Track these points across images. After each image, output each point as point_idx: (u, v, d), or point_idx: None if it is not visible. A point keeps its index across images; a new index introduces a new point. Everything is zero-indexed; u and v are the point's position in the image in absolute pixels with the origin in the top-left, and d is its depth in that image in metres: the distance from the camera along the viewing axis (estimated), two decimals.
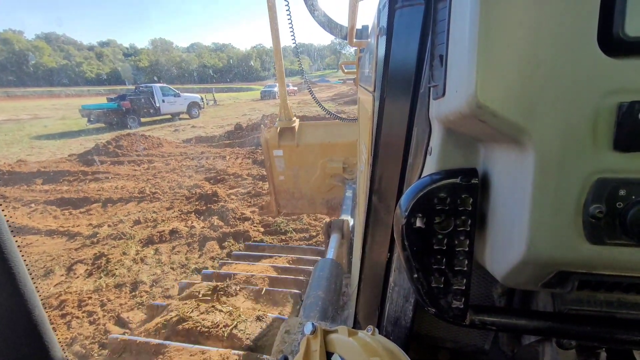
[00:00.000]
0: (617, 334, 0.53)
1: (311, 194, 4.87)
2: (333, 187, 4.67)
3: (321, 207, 4.33)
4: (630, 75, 0.36)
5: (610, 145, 0.38)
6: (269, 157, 4.72)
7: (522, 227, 0.42)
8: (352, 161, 4.45)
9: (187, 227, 6.24)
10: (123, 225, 6.56)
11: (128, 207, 7.61)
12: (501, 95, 0.39)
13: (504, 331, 0.78)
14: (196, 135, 16.23)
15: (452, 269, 0.53)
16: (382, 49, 0.81)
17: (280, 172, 4.81)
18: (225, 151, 12.36)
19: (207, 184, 8.67)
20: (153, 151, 12.93)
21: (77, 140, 16.14)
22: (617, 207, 0.39)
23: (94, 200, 7.97)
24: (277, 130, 4.58)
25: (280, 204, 5.07)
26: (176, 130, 18.68)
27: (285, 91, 4.59)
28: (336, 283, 2.07)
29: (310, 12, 3.06)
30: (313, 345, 0.68)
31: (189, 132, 17.65)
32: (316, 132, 4.67)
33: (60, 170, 10.48)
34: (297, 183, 4.84)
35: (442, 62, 0.50)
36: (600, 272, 0.43)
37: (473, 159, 0.54)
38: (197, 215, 6.79)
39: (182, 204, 7.47)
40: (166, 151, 12.88)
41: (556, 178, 0.39)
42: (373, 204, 0.94)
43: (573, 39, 0.36)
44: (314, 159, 4.62)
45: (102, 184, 9.36)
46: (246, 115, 22.87)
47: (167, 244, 5.71)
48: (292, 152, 4.63)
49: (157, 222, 6.55)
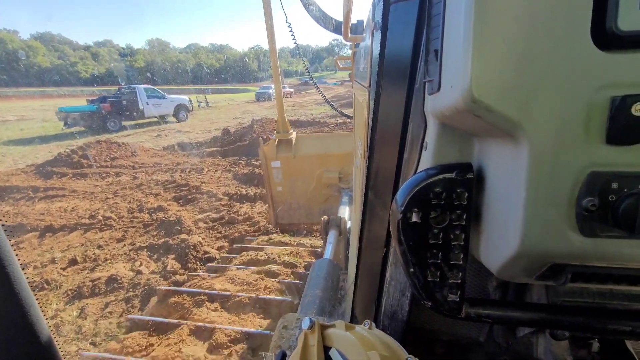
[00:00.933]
0: (609, 325, 0.54)
1: (308, 205, 5.00)
2: (330, 197, 4.80)
3: (318, 217, 4.42)
4: (623, 69, 0.36)
5: (603, 138, 0.38)
6: (266, 169, 4.85)
7: (516, 220, 0.43)
8: (348, 171, 4.59)
9: (133, 271, 4.83)
10: (53, 267, 5.05)
11: (70, 237, 6.13)
12: (496, 90, 0.39)
13: (499, 323, 0.79)
14: (179, 141, 14.87)
15: (448, 263, 0.53)
16: (377, 44, 0.80)
17: (278, 183, 4.93)
18: (205, 162, 11.24)
19: (173, 206, 7.41)
20: (124, 161, 11.50)
21: (48, 147, 14.60)
22: (609, 200, 0.39)
23: (30, 229, 6.38)
24: (275, 142, 4.74)
25: (279, 215, 5.17)
26: (158, 135, 17.24)
27: (283, 103, 4.76)
28: (333, 281, 2.10)
29: (304, 6, 3.04)
30: (311, 340, 0.68)
31: (172, 138, 16.25)
32: (312, 144, 4.85)
33: (8, 185, 8.98)
34: (295, 194, 4.97)
35: (437, 56, 0.50)
36: (592, 264, 0.44)
37: (468, 154, 0.54)
38: (151, 252, 5.34)
39: (137, 234, 6.11)
40: (139, 161, 11.47)
41: (550, 172, 0.40)
42: (369, 200, 0.95)
43: (567, 33, 0.36)
44: (310, 170, 4.78)
45: (51, 204, 7.90)
46: (237, 118, 21.64)
47: (99, 298, 4.27)
48: (289, 163, 4.77)
49: (97, 263, 5.13)
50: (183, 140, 15.14)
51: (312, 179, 4.80)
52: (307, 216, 5.06)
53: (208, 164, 10.89)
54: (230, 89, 66.60)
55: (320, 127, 15.29)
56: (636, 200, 0.38)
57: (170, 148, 13.88)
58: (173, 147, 14.08)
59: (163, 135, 17.40)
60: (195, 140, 14.91)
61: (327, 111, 19.83)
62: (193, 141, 14.78)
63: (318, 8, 3.04)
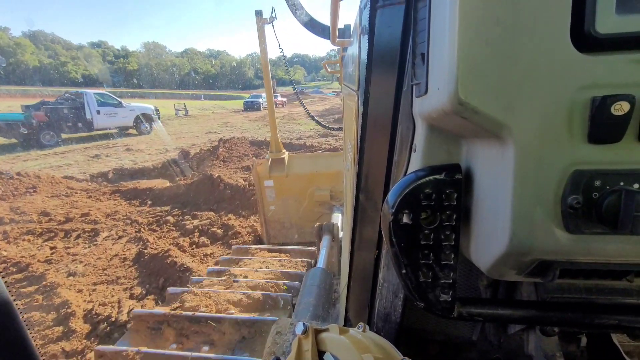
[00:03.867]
0: (595, 319, 0.56)
1: (300, 223, 5.11)
2: (321, 215, 4.90)
3: (310, 236, 4.48)
4: (602, 70, 0.37)
5: (586, 138, 0.39)
6: (260, 188, 4.99)
7: (504, 219, 0.44)
8: (339, 189, 4.74)
9: None
10: None
11: None
12: (481, 92, 0.40)
13: (491, 321, 0.80)
14: (117, 167, 10.86)
15: (439, 263, 0.54)
16: (364, 48, 0.81)
17: (270, 202, 5.06)
18: (118, 214, 6.87)
19: None
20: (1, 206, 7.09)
21: None
22: (593, 197, 0.40)
23: None
24: (269, 161, 4.89)
25: (271, 234, 5.26)
26: (97, 156, 13.01)
27: (276, 125, 4.93)
28: (326, 289, 2.12)
29: (292, 11, 3.05)
30: (305, 345, 0.68)
31: (113, 160, 12.32)
32: (304, 163, 5.04)
33: None
34: (287, 212, 5.09)
35: (423, 60, 0.51)
36: (578, 260, 0.45)
37: (456, 155, 0.55)
38: None
39: None
40: (21, 207, 7.01)
41: (535, 171, 0.41)
42: (360, 202, 0.95)
43: (547, 36, 0.37)
44: (302, 188, 4.92)
45: None
46: (211, 133, 18.10)
47: None
48: (282, 182, 4.91)
49: None
50: (123, 165, 11.05)
51: (304, 197, 4.96)
52: (299, 235, 5.16)
53: (120, 218, 6.73)
54: (224, 95, 65.39)
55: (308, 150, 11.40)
56: (618, 197, 0.39)
57: (99, 178, 9.95)
58: (105, 175, 10.14)
59: (104, 155, 13.35)
60: (140, 166, 10.95)
61: (318, 128, 16.24)
62: (137, 167, 10.85)
63: (305, 13, 3.06)
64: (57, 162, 12.18)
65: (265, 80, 4.78)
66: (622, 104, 0.36)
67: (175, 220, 6.45)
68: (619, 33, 0.36)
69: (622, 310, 0.56)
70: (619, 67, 0.37)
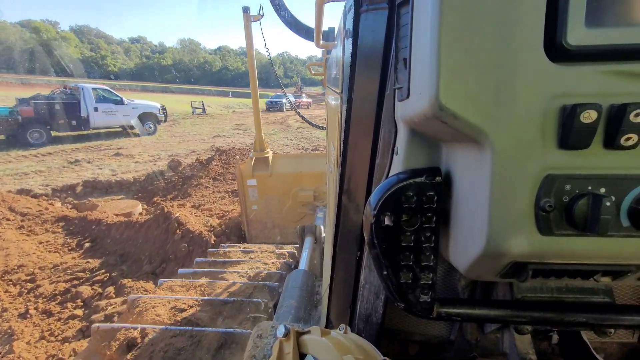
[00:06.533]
0: (566, 317, 0.58)
1: (283, 223, 5.04)
2: (304, 216, 4.88)
3: (293, 237, 4.42)
4: (572, 80, 0.39)
5: (557, 144, 0.41)
6: (242, 187, 4.88)
7: (481, 222, 0.45)
8: (322, 190, 4.71)
9: None
10: None
11: None
12: (461, 98, 0.41)
13: (468, 321, 0.82)
14: (94, 177, 9.14)
15: (420, 265, 0.55)
16: (348, 52, 0.82)
17: (253, 202, 4.97)
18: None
19: None
20: None
21: None
22: (563, 200, 0.42)
23: None
24: (252, 160, 4.81)
25: (252, 234, 5.17)
26: (76, 162, 11.06)
27: (260, 123, 4.87)
28: (308, 291, 2.11)
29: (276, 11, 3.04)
30: (286, 348, 0.67)
31: (95, 167, 10.61)
32: (289, 163, 4.97)
33: None
34: (270, 212, 5.01)
35: (406, 65, 0.51)
36: (550, 261, 0.47)
37: (436, 158, 0.56)
38: None
39: None
40: None
41: (511, 175, 0.42)
42: (343, 204, 0.95)
43: (522, 46, 0.39)
44: (286, 189, 4.86)
45: None
46: (220, 136, 16.49)
47: None
48: (265, 182, 4.84)
49: None
50: (98, 177, 9.22)
51: (288, 197, 4.89)
52: (281, 235, 5.09)
53: (19, 280, 4.47)
54: (251, 93, 64.70)
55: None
56: (586, 200, 0.41)
57: (64, 192, 8.22)
58: (73, 189, 8.41)
59: (86, 160, 11.36)
60: (119, 178, 9.26)
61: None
62: (113, 180, 9.12)
63: (290, 14, 3.05)
64: (29, 167, 10.48)
65: (251, 79, 4.75)
66: (590, 112, 0.38)
67: (89, 296, 4.15)
68: (588, 45, 0.38)
69: (590, 309, 0.59)
70: (588, 78, 0.39)
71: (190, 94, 47.51)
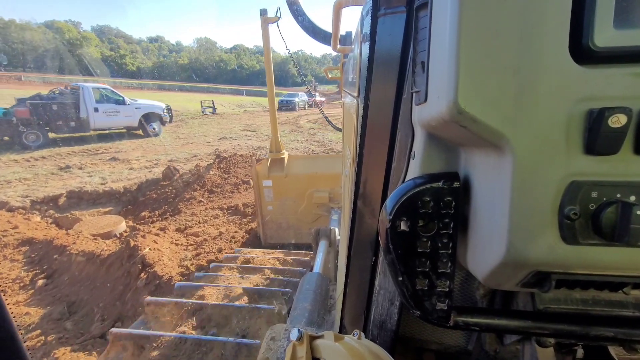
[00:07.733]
0: (592, 331, 0.55)
1: (298, 224, 5.08)
2: (319, 217, 4.89)
3: (307, 238, 4.43)
4: (599, 83, 0.38)
5: (583, 149, 0.39)
6: (258, 188, 4.95)
7: (501, 229, 0.44)
8: (338, 191, 4.70)
9: None
10: None
11: None
12: (481, 101, 0.40)
13: (487, 331, 0.80)
14: (78, 188, 8.20)
15: (436, 272, 0.53)
16: (365, 55, 0.82)
17: (268, 202, 5.04)
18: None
19: None
20: None
21: None
22: (590, 208, 0.40)
23: None
24: (268, 161, 4.89)
25: (267, 234, 5.22)
26: (67, 168, 10.31)
27: (277, 125, 4.92)
28: (322, 295, 2.11)
29: (294, 17, 3.08)
30: (299, 352, 0.67)
31: (85, 174, 9.86)
32: (304, 164, 5.02)
33: None
34: (285, 213, 5.06)
35: (424, 68, 0.51)
36: (575, 272, 0.45)
37: (454, 163, 0.55)
38: None
39: None
40: None
41: (533, 181, 0.41)
42: (358, 208, 0.95)
43: (546, 48, 0.38)
44: (301, 190, 4.90)
45: None
46: (226, 138, 15.79)
47: None
48: (280, 183, 4.90)
49: None
50: (84, 187, 8.30)
51: (303, 198, 4.92)
52: (296, 236, 5.12)
53: None
54: (265, 91, 66.50)
55: None
56: (615, 209, 0.39)
57: (45, 205, 7.53)
58: (55, 201, 7.68)
59: (78, 166, 10.61)
60: (107, 188, 8.36)
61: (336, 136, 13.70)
62: (101, 190, 8.21)
63: (308, 19, 3.09)
64: (14, 174, 9.63)
65: (267, 81, 4.80)
66: (619, 116, 0.36)
67: None
68: (616, 47, 0.37)
69: (618, 323, 0.56)
70: (616, 80, 0.38)
71: (205, 92, 48.24)
